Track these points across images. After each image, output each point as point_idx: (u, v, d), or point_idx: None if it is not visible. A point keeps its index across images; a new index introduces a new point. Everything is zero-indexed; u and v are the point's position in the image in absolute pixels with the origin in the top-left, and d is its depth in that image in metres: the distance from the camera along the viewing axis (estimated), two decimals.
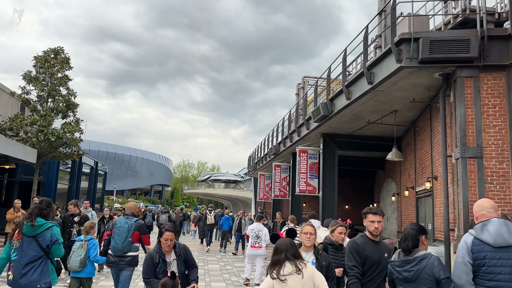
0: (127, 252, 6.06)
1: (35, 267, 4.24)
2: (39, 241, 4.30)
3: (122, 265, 6.03)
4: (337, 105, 12.77)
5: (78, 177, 24.13)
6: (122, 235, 6.01)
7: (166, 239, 4.33)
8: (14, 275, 4.23)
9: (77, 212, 8.99)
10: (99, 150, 63.19)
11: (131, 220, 6.20)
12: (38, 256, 4.29)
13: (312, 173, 15.67)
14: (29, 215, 4.39)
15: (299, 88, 25.59)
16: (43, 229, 4.35)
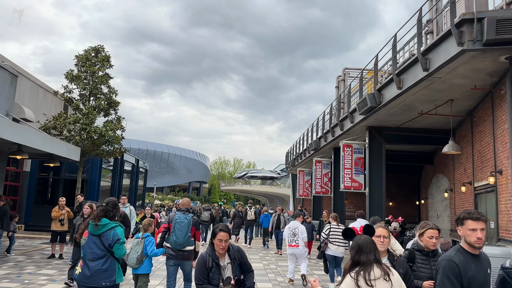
0: (186, 246, 6.25)
1: (99, 265, 4.40)
2: (102, 240, 4.47)
3: (181, 258, 6.24)
4: (386, 95, 11.99)
5: (120, 175, 24.47)
6: (183, 230, 6.17)
7: (220, 240, 3.85)
8: (82, 271, 4.43)
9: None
10: (139, 148, 64.55)
11: (189, 216, 6.37)
12: (102, 254, 4.45)
13: (357, 168, 14.93)
14: (95, 216, 4.57)
15: (339, 80, 24.73)
16: (107, 228, 4.50)
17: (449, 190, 15.53)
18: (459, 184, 14.27)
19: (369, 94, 12.51)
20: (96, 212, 4.63)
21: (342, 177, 14.90)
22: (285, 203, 63.70)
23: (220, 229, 3.90)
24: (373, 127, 14.81)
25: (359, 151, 15.07)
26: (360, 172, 14.87)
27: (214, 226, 4.11)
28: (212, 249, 3.90)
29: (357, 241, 3.05)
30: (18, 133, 10.37)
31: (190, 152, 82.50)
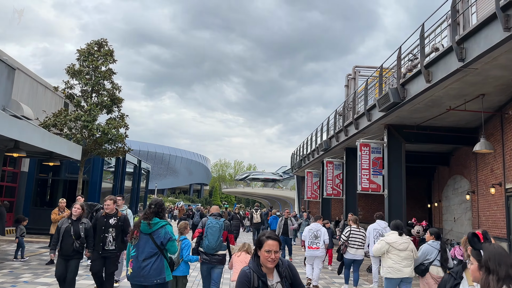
0: (218, 251, 6.34)
1: (151, 263, 4.48)
2: (154, 238, 4.57)
3: (214, 263, 6.33)
4: (410, 90, 11.17)
5: (122, 176, 23.63)
6: (215, 235, 6.27)
7: (269, 250, 2.90)
8: (134, 270, 4.49)
9: (113, 211, 6.69)
10: (139, 150, 63.63)
11: (220, 220, 6.44)
12: (154, 253, 4.53)
13: (375, 169, 14.09)
14: (144, 216, 4.70)
15: (349, 79, 23.94)
16: (158, 227, 4.62)
17: (471, 192, 14.69)
18: (483, 185, 13.44)
19: (391, 89, 11.69)
20: (144, 214, 4.75)
21: (359, 178, 14.06)
22: (287, 205, 62.78)
23: (267, 237, 3.00)
24: (392, 125, 13.99)
25: (377, 151, 14.24)
26: (378, 173, 14.03)
27: (260, 233, 3.25)
28: (258, 263, 3.02)
29: (497, 252, 2.23)
30: (15, 128, 9.52)
31: (191, 153, 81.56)
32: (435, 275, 6.19)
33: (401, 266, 6.35)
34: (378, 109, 12.71)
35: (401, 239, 6.48)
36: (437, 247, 6.36)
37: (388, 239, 6.57)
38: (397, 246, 6.41)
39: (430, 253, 6.29)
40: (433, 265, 6.25)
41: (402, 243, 6.44)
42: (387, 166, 13.86)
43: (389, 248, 6.44)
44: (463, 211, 16.29)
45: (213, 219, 6.45)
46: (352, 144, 18.30)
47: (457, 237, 17.06)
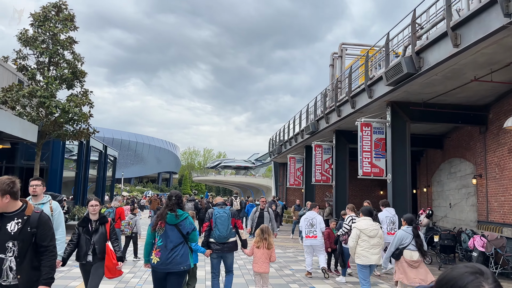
0: (229, 238, 6.40)
1: (178, 251, 4.78)
2: (180, 228, 4.86)
3: (226, 251, 6.41)
4: (429, 59, 9.68)
5: (86, 163, 21.24)
6: (225, 224, 6.35)
7: None
8: (162, 259, 4.75)
9: (18, 208, 3.21)
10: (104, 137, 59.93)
11: (227, 209, 6.51)
12: (180, 242, 4.84)
13: (377, 151, 12.67)
14: (169, 208, 4.91)
15: (334, 58, 22.43)
16: (183, 218, 4.93)
17: (478, 176, 13.58)
18: (496, 168, 12.32)
19: (405, 58, 10.18)
20: (167, 207, 4.93)
21: (360, 162, 12.59)
22: (260, 193, 61.54)
23: None
24: (396, 103, 12.58)
25: (380, 131, 12.81)
26: (381, 156, 12.63)
27: None
28: None
29: None
30: None
31: (159, 141, 78.32)
32: (408, 259, 6.36)
33: (369, 254, 6.42)
34: (386, 83, 11.20)
35: (372, 226, 6.54)
36: (410, 232, 6.48)
37: (359, 225, 6.60)
38: (367, 232, 6.47)
39: (405, 238, 6.44)
40: (407, 249, 6.39)
41: (373, 230, 6.51)
42: (391, 148, 12.47)
43: (360, 234, 6.50)
44: (463, 197, 15.25)
45: (219, 209, 6.50)
46: (344, 126, 16.86)
47: (454, 224, 16.08)
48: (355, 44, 21.71)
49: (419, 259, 6.32)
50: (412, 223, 6.61)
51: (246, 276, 8.96)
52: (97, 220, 5.34)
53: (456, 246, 11.04)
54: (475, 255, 9.92)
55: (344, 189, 17.71)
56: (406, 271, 6.30)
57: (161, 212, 4.97)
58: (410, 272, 6.25)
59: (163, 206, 5.06)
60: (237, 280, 8.20)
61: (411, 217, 6.73)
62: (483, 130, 13.16)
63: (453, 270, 1.33)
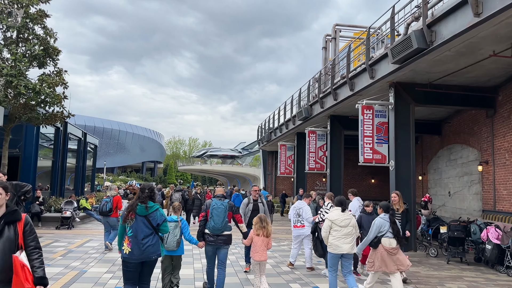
0: (224, 231, 6.31)
1: (149, 241, 4.87)
2: (150, 220, 4.93)
3: (220, 243, 6.31)
4: (442, 31, 8.71)
5: (63, 151, 19.86)
6: (220, 216, 6.28)
7: None
8: (133, 249, 4.81)
9: None
10: (85, 125, 58.04)
11: (225, 201, 6.44)
12: (150, 232, 4.92)
13: (379, 136, 11.74)
14: (140, 200, 4.95)
15: (328, 40, 21.42)
16: (153, 210, 4.99)
17: (484, 163, 12.81)
18: (505, 154, 11.53)
19: (415, 31, 9.19)
20: (138, 198, 4.99)
21: (361, 148, 11.65)
22: (246, 183, 60.65)
23: None
24: (400, 84, 11.64)
25: (382, 114, 11.87)
26: (383, 141, 11.70)
27: None
28: None
29: None
30: None
31: (143, 129, 76.32)
32: (387, 246, 6.36)
33: (340, 243, 6.33)
34: (391, 61, 10.23)
35: (343, 216, 6.45)
36: (387, 219, 6.49)
37: (330, 216, 6.53)
38: (339, 222, 6.41)
39: (383, 226, 6.45)
40: (385, 237, 6.41)
41: (344, 220, 6.42)
42: (394, 132, 11.55)
43: (332, 225, 6.44)
44: (465, 185, 14.51)
45: (217, 200, 6.46)
46: (340, 110, 15.91)
47: (453, 214, 15.38)
48: (350, 25, 20.71)
49: (397, 246, 6.37)
50: (389, 210, 6.62)
51: (240, 275, 8.01)
52: (1, 217, 3.22)
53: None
54: (489, 248, 9.11)
55: (339, 178, 16.82)
56: (385, 259, 6.30)
57: (131, 204, 5.02)
58: (390, 260, 6.27)
59: (134, 198, 5.09)
60: (231, 280, 7.48)
61: (387, 205, 6.72)
62: (490, 114, 12.35)
63: None
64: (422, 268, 9.27)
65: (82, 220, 17.32)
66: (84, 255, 9.71)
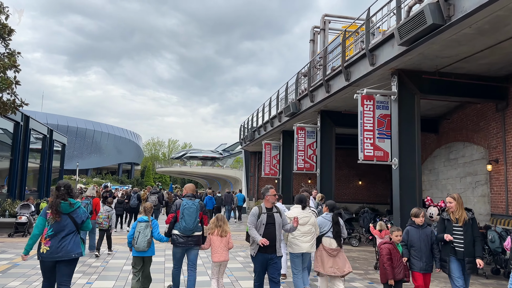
0: (195, 232, 6.14)
1: (69, 239, 4.80)
2: (74, 217, 4.88)
3: (190, 245, 6.13)
4: (464, 3, 7.35)
5: (24, 150, 17.82)
6: (192, 216, 6.09)
7: None
8: (52, 248, 4.73)
9: None
10: (58, 124, 55.18)
11: (196, 201, 6.24)
12: (72, 230, 4.86)
13: (381, 130, 10.34)
14: (61, 197, 4.87)
15: (315, 32, 20.06)
16: (76, 207, 4.94)
17: (493, 161, 11.57)
18: None
19: (430, 4, 7.82)
20: (57, 197, 4.88)
21: (360, 144, 10.21)
22: (227, 185, 58.91)
23: None
24: (404, 71, 10.29)
25: (385, 106, 10.49)
26: (385, 136, 10.31)
27: None
28: None
29: None
30: None
31: (120, 130, 73.38)
32: (327, 246, 6.16)
33: (299, 242, 6.07)
34: (398, 42, 8.84)
35: (303, 213, 6.17)
36: (330, 219, 6.30)
37: (290, 213, 6.29)
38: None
39: (324, 225, 6.26)
40: (326, 236, 6.21)
41: (303, 217, 6.13)
42: (397, 126, 10.19)
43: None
44: (469, 186, 13.29)
45: (188, 200, 6.19)
46: (331, 105, 14.51)
47: None
48: (340, 16, 19.39)
49: (338, 247, 6.10)
50: (334, 210, 6.44)
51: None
52: None
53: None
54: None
55: (330, 178, 15.40)
56: (323, 260, 6.08)
57: (53, 202, 4.89)
58: (328, 261, 6.01)
59: (54, 197, 4.95)
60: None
61: (333, 204, 6.55)
62: (501, 107, 11.14)
63: None
64: (433, 283, 7.86)
65: None
66: (31, 270, 7.94)
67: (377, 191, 26.89)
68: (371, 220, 14.24)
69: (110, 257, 9.66)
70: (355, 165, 26.48)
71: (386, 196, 26.76)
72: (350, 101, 13.79)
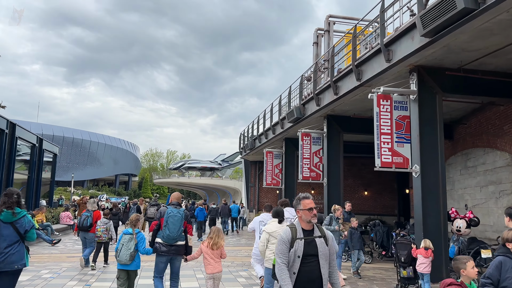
0: (178, 241, 6.04)
1: (12, 249, 4.62)
2: (17, 227, 4.69)
3: (173, 254, 6.04)
4: None
5: (9, 161, 16.66)
6: (176, 224, 6.01)
7: None
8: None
9: None
10: (53, 135, 54.04)
11: (181, 210, 6.17)
12: (15, 240, 4.68)
13: (400, 134, 9.23)
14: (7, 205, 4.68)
15: (319, 34, 19.11)
16: (20, 216, 4.74)
17: None
18: None
19: None
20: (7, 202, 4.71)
21: (377, 149, 9.08)
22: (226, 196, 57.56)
23: None
24: (424, 68, 9.23)
25: (403, 107, 9.40)
26: (404, 140, 9.20)
27: None
28: None
29: None
30: None
31: (116, 140, 72.09)
32: None
33: None
34: (421, 32, 7.79)
35: (280, 228, 5.75)
36: None
37: (268, 228, 5.93)
38: (276, 235, 5.70)
39: None
40: None
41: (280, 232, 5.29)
42: (418, 128, 9.09)
43: (269, 238, 5.80)
44: (491, 196, 12.15)
45: (173, 208, 6.13)
46: (339, 109, 13.45)
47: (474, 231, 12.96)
48: (345, 17, 18.43)
49: None
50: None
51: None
52: None
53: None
54: None
55: (338, 188, 14.26)
56: None
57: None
58: None
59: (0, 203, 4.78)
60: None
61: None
62: None
63: None
64: None
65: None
66: None
67: (383, 202, 25.69)
68: (384, 234, 13.08)
69: (105, 270, 9.42)
70: (360, 175, 25.38)
71: (393, 207, 25.56)
72: (360, 103, 12.74)
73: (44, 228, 15.36)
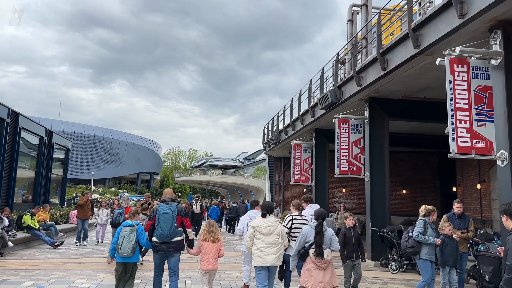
0: (173, 238, 5.95)
1: None
2: None
3: (170, 251, 5.94)
4: None
5: (12, 154, 15.13)
6: (168, 222, 5.91)
7: None
8: None
9: None
10: (74, 132, 53.50)
11: (173, 205, 6.07)
12: None
13: (481, 110, 6.97)
14: None
15: (354, 11, 16.88)
16: None
17: None
18: None
19: None
20: None
21: (453, 129, 6.83)
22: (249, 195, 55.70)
23: None
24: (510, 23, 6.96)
25: (483, 74, 7.12)
26: (487, 118, 6.93)
27: None
28: None
29: None
30: None
31: (138, 138, 71.20)
32: (317, 258, 5.53)
33: (264, 254, 5.65)
34: None
35: (267, 222, 5.76)
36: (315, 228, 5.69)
37: (253, 222, 5.86)
38: (261, 230, 5.70)
39: (310, 235, 5.58)
40: (313, 247, 5.52)
41: (267, 227, 5.73)
42: (505, 102, 6.82)
43: (254, 232, 5.73)
44: None
45: (164, 205, 6.03)
46: (384, 89, 11.25)
47: None
48: None
49: (327, 259, 5.42)
50: (319, 218, 5.62)
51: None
52: None
53: None
54: None
55: (383, 185, 12.15)
56: (312, 274, 5.40)
57: None
58: (318, 275, 5.33)
59: None
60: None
61: (321, 212, 5.79)
62: None
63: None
64: None
65: (27, 243, 12.54)
66: None
67: (424, 201, 22.90)
68: None
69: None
70: (397, 172, 22.89)
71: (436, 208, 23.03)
72: (413, 80, 10.51)
73: (47, 229, 13.77)
